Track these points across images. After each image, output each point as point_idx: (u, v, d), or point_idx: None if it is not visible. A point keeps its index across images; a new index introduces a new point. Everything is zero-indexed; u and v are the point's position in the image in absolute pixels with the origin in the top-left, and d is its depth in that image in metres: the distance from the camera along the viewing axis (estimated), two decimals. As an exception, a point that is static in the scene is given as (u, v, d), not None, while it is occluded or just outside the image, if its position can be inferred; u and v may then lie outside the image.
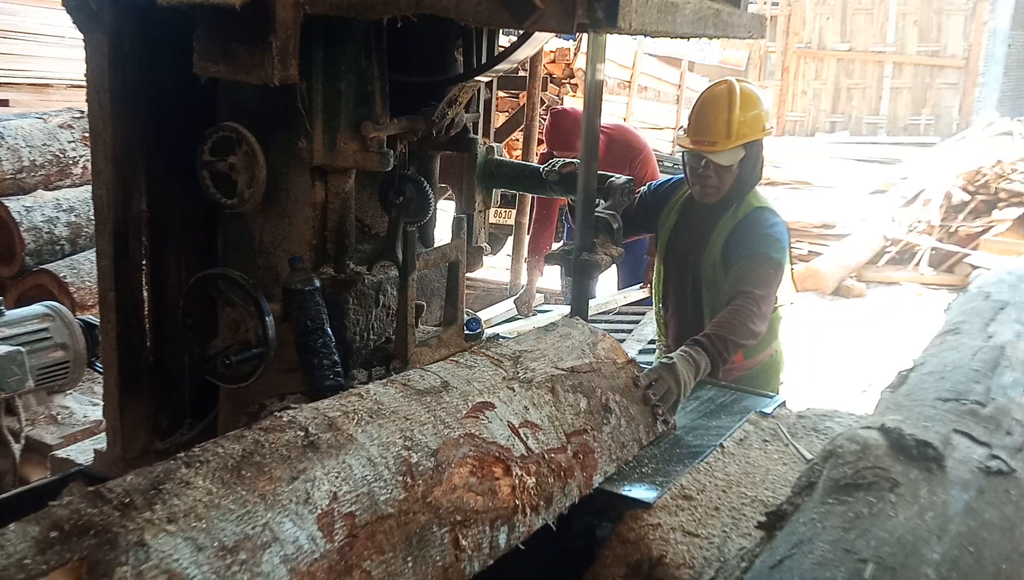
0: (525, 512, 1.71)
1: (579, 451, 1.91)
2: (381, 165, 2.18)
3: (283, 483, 1.31)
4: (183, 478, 1.25)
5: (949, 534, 1.43)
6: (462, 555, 1.54)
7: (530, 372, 1.92)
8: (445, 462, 1.56)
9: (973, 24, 15.66)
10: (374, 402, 1.58)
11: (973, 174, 9.26)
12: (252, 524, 1.24)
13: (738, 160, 2.71)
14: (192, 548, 1.16)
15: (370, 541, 1.38)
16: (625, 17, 1.75)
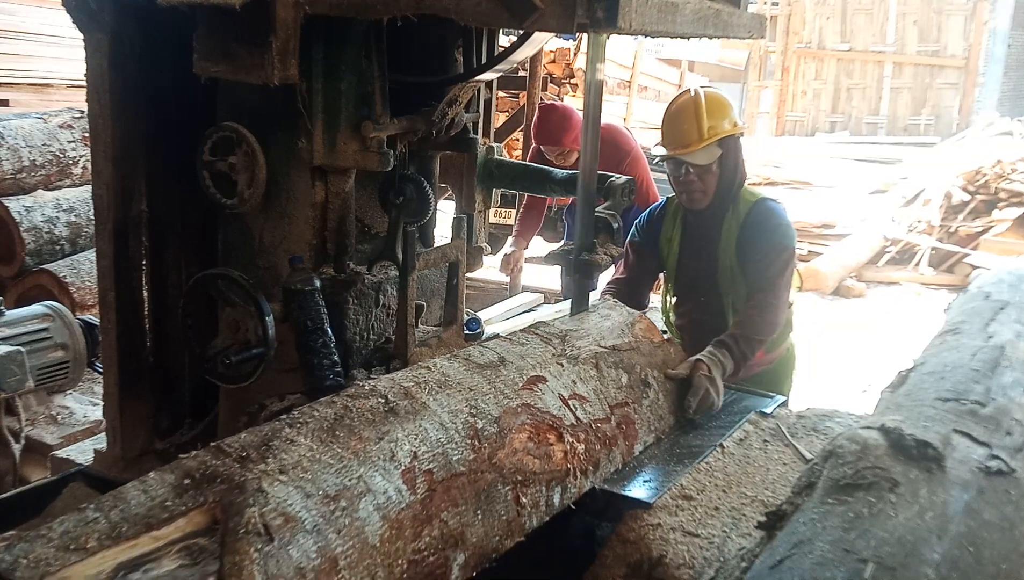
0: (576, 475, 1.91)
1: (622, 422, 2.10)
2: (381, 165, 2.18)
3: (371, 442, 1.51)
4: (288, 436, 1.44)
5: (949, 534, 1.43)
6: (523, 511, 1.74)
7: (576, 349, 2.11)
8: (506, 428, 1.76)
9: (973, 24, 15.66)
10: (441, 374, 1.79)
11: (973, 174, 9.26)
12: (348, 477, 1.43)
13: (715, 159, 2.74)
14: (302, 495, 1.35)
15: (446, 495, 1.57)
16: (625, 17, 1.75)
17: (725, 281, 2.83)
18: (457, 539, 1.58)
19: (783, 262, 2.74)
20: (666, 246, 2.98)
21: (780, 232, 2.79)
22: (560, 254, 2.55)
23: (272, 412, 2.12)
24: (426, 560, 1.51)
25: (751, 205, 2.82)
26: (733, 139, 2.78)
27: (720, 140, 2.75)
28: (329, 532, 1.35)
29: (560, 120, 4.44)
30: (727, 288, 2.84)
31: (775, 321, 2.69)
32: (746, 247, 2.79)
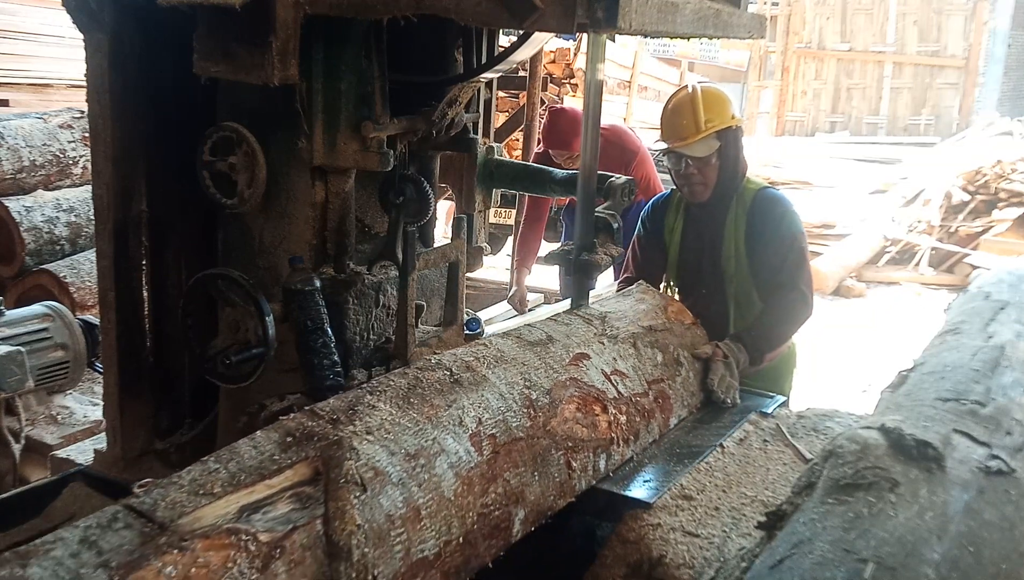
0: (619, 444, 2.10)
1: (658, 396, 2.29)
2: (381, 165, 2.18)
3: (442, 409, 1.71)
4: (370, 403, 1.64)
5: (949, 534, 1.43)
6: (573, 474, 1.94)
7: (615, 330, 2.30)
8: (557, 399, 1.95)
9: (973, 24, 15.66)
10: (497, 350, 1.98)
11: (973, 174, 9.26)
12: (424, 438, 1.63)
13: (714, 151, 2.77)
14: (387, 453, 1.55)
15: (508, 457, 1.77)
16: (625, 17, 1.75)
17: (729, 272, 2.85)
18: (518, 496, 1.78)
19: (797, 252, 2.80)
20: (668, 237, 3.00)
21: (787, 221, 2.83)
22: (560, 254, 2.55)
23: (272, 412, 2.12)
24: (492, 514, 1.70)
25: (754, 194, 2.85)
26: (731, 131, 2.80)
27: (718, 133, 2.77)
28: (412, 486, 1.55)
29: (570, 123, 4.43)
30: (730, 278, 2.85)
31: (798, 316, 2.78)
32: (755, 241, 2.81)
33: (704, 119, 2.75)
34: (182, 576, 1.19)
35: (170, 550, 1.21)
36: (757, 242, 2.81)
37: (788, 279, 2.78)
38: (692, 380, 2.45)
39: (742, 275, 2.83)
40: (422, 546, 1.53)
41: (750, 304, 2.84)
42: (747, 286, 2.83)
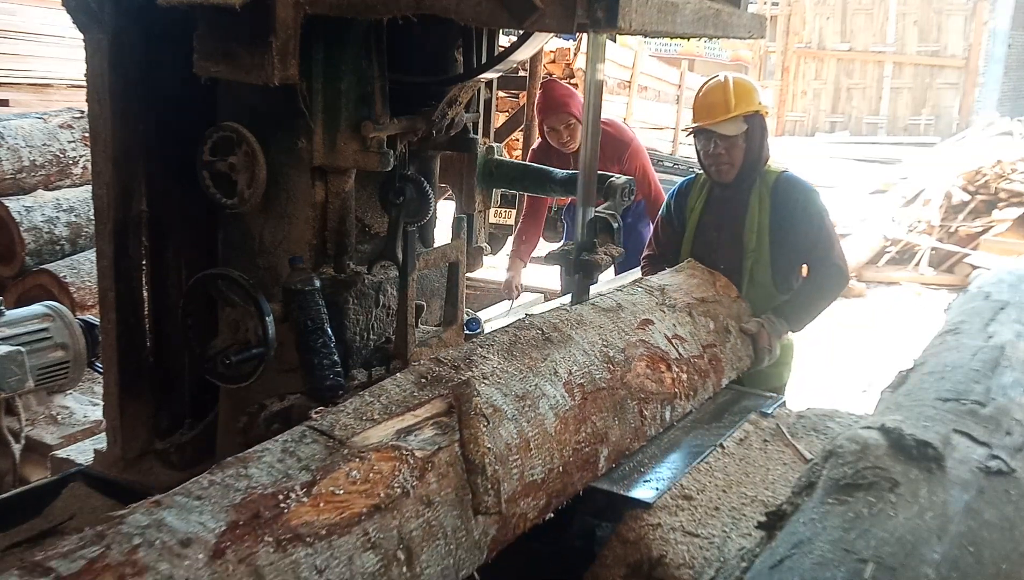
0: (681, 398, 2.39)
1: (712, 359, 2.57)
2: (381, 165, 2.18)
3: (539, 361, 2.00)
4: (482, 354, 1.95)
5: (949, 534, 1.43)
6: (645, 422, 2.24)
7: (673, 300, 2.58)
8: (630, 357, 2.24)
9: (973, 24, 15.66)
10: (577, 315, 2.27)
11: (973, 174, 9.26)
12: (528, 384, 1.93)
13: (742, 132, 2.93)
14: (501, 394, 1.85)
15: (594, 404, 2.06)
16: (625, 17, 1.75)
17: (750, 246, 3.00)
18: (603, 437, 2.07)
19: (827, 228, 3.02)
20: (688, 216, 3.16)
21: (812, 201, 3.01)
22: (560, 254, 2.55)
23: (272, 412, 2.12)
24: (583, 450, 2.00)
25: (776, 176, 3.01)
26: (758, 117, 2.97)
27: (746, 117, 2.93)
28: (522, 421, 1.84)
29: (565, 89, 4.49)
30: (749, 253, 3.00)
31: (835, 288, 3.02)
32: (783, 222, 2.98)
33: (734, 102, 2.92)
34: (363, 479, 1.51)
35: (352, 459, 1.53)
36: (786, 223, 2.97)
37: (824, 254, 2.99)
38: (739, 347, 2.73)
39: (761, 251, 2.99)
40: (532, 471, 1.83)
41: (763, 279, 2.99)
42: (764, 261, 2.99)
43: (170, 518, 1.31)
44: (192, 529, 1.29)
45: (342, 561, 1.41)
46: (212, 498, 1.37)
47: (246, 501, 1.37)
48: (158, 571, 1.21)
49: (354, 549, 1.44)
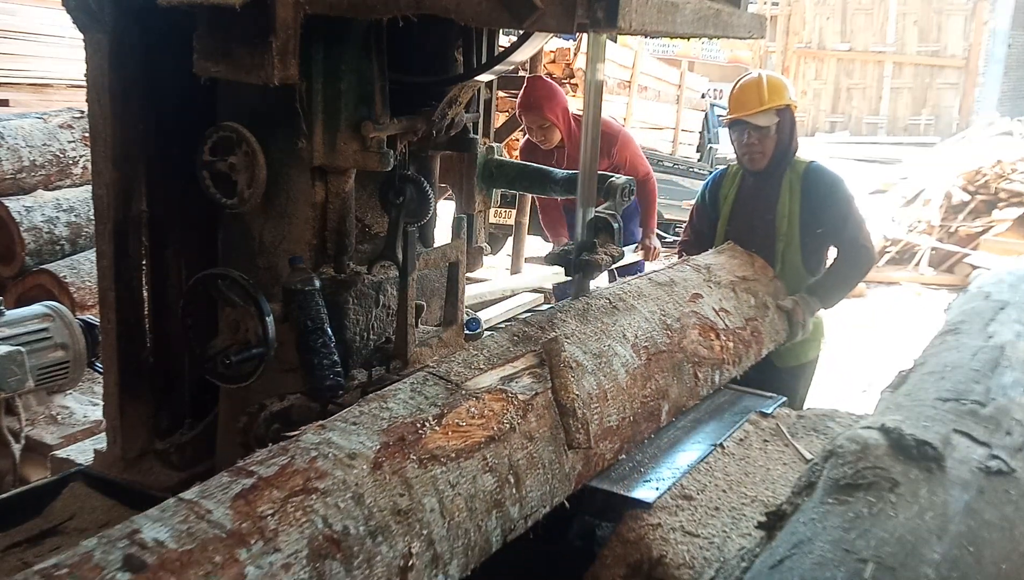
0: (728, 364, 2.63)
1: (753, 331, 2.79)
2: (381, 165, 2.18)
3: (609, 325, 2.25)
4: (561, 318, 2.20)
5: (949, 534, 1.43)
6: (699, 383, 2.49)
7: (718, 277, 2.83)
8: (685, 325, 2.49)
9: (973, 24, 15.66)
10: (637, 288, 2.52)
11: (973, 174, 9.26)
12: (602, 344, 2.17)
13: (774, 124, 3.18)
14: (581, 351, 2.10)
15: (656, 364, 2.31)
16: (625, 17, 1.75)
17: (781, 230, 3.23)
18: (664, 393, 2.32)
19: (855, 211, 3.26)
20: (722, 203, 3.39)
21: (840, 187, 3.26)
22: (560, 254, 2.55)
23: (272, 412, 2.12)
24: (649, 403, 2.25)
25: (806, 165, 3.25)
26: (789, 111, 3.22)
27: (777, 110, 3.17)
28: (600, 375, 2.09)
29: (544, 90, 4.47)
30: (781, 237, 3.23)
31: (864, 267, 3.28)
32: (813, 206, 3.20)
33: (767, 96, 3.17)
34: (479, 414, 1.79)
35: (469, 398, 1.81)
36: (816, 208, 3.20)
37: (852, 236, 3.22)
38: (776, 322, 2.96)
39: (792, 235, 3.22)
40: (609, 418, 2.09)
41: (794, 260, 3.23)
42: (794, 245, 3.22)
43: (335, 438, 1.59)
44: (355, 446, 1.58)
45: (468, 479, 1.69)
46: (365, 424, 1.66)
47: (392, 427, 1.66)
48: (334, 476, 1.50)
49: (476, 470, 1.72)
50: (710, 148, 11.37)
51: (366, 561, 1.45)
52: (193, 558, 1.26)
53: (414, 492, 1.58)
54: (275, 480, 1.44)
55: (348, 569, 1.41)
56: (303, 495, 1.43)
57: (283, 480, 1.44)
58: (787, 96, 3.21)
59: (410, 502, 1.56)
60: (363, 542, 1.45)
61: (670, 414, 2.37)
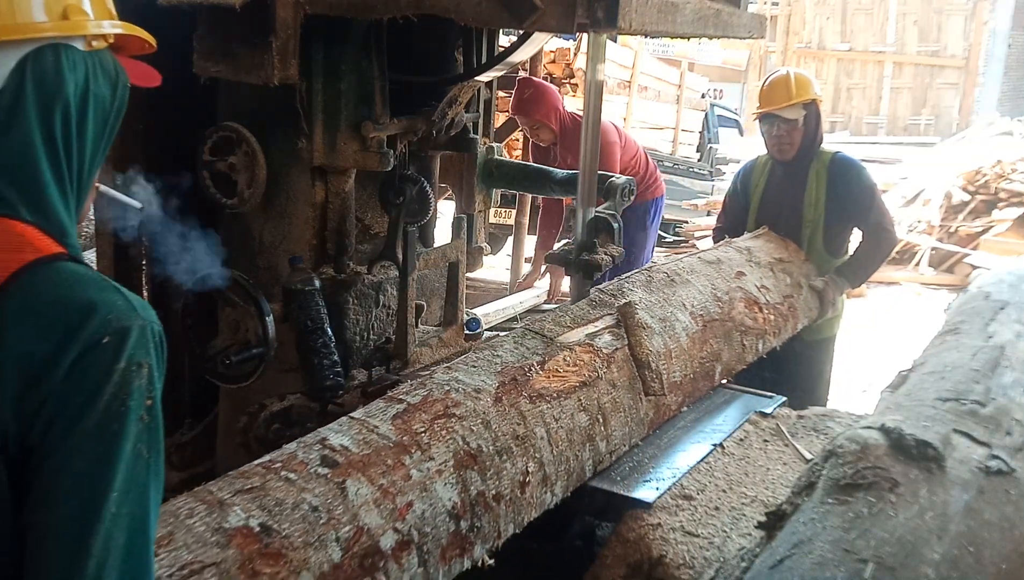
0: (769, 335, 2.92)
1: (790, 307, 3.09)
2: (381, 165, 2.18)
3: (670, 295, 2.55)
4: (628, 289, 2.48)
5: (949, 534, 1.43)
6: (745, 349, 2.78)
7: (758, 258, 3.14)
8: (732, 298, 2.78)
9: (973, 24, 15.64)
10: (689, 266, 2.81)
11: (973, 174, 9.24)
12: (666, 310, 2.47)
13: (801, 117, 3.39)
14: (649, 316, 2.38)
15: (711, 330, 2.59)
16: (625, 17, 1.75)
17: (808, 216, 3.44)
18: (718, 356, 2.61)
19: (879, 198, 3.53)
20: (752, 192, 3.64)
21: (864, 175, 3.51)
22: (560, 254, 2.55)
23: (272, 412, 2.12)
24: (705, 364, 2.53)
25: (831, 156, 3.48)
26: (814, 105, 3.45)
27: (804, 104, 3.39)
28: (666, 337, 2.38)
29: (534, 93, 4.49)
30: (807, 222, 3.44)
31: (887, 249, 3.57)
32: (839, 193, 3.41)
33: (795, 91, 3.39)
34: (573, 363, 2.09)
35: (563, 349, 2.12)
36: (842, 196, 3.41)
37: (876, 221, 3.45)
38: (809, 300, 3.25)
39: (818, 220, 3.43)
40: (673, 374, 2.37)
41: (819, 245, 3.44)
42: (819, 230, 3.43)
43: (461, 376, 1.92)
44: (478, 383, 1.90)
45: (567, 415, 1.99)
46: (482, 367, 1.97)
47: (505, 370, 1.97)
48: (466, 405, 1.82)
49: (573, 409, 2.02)
50: (710, 148, 11.35)
51: (496, 474, 1.77)
52: (371, 460, 1.61)
53: (528, 422, 1.89)
54: (421, 406, 1.78)
55: (483, 479, 1.74)
56: (444, 418, 1.77)
57: (428, 406, 1.78)
58: (813, 91, 3.43)
59: (525, 430, 1.88)
60: (493, 459, 1.78)
61: (722, 375, 2.67)
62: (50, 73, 0.99)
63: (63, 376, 0.90)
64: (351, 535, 1.48)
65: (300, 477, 1.51)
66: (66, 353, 0.90)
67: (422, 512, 1.60)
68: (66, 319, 0.91)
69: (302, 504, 1.46)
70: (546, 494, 1.91)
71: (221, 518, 1.38)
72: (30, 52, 0.98)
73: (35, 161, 0.98)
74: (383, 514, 1.54)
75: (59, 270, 0.94)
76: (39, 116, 0.98)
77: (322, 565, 1.41)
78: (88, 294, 0.94)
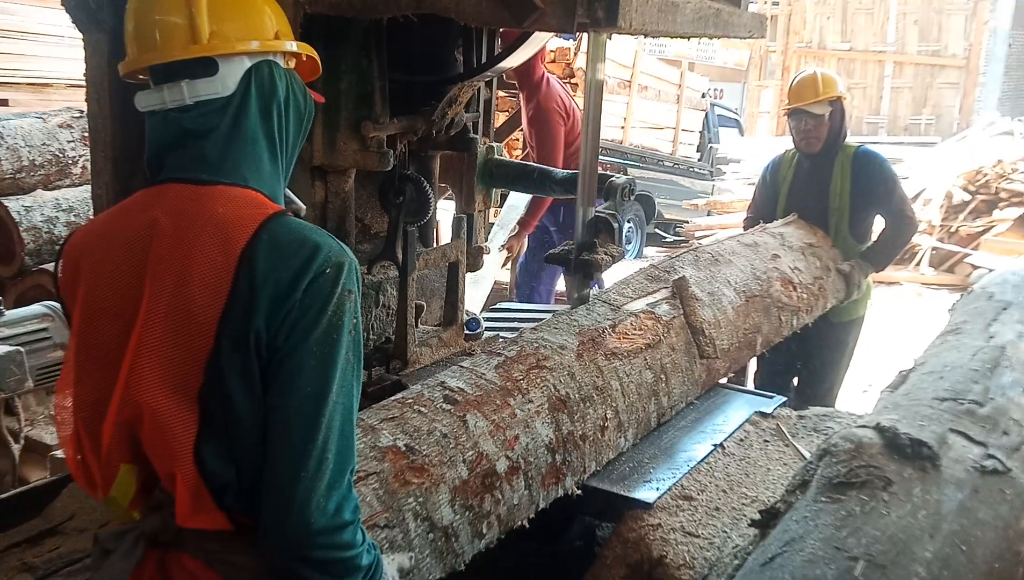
0: (803, 312, 3.20)
1: (820, 288, 3.35)
2: (381, 165, 2.18)
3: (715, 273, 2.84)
4: (679, 266, 2.78)
5: (941, 532, 1.43)
6: (782, 324, 3.06)
7: (790, 242, 3.42)
8: (770, 277, 3.07)
9: (973, 24, 15.63)
10: (730, 248, 3.10)
11: (974, 174, 9.23)
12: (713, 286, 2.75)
13: (827, 113, 3.63)
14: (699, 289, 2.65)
15: (752, 304, 2.88)
16: (625, 16, 1.75)
17: (834, 205, 3.68)
18: (758, 329, 2.90)
19: (900, 187, 3.78)
20: (781, 184, 3.89)
21: (886, 166, 3.75)
22: (560, 254, 2.55)
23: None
24: (748, 335, 2.83)
25: (855, 149, 3.73)
26: (839, 102, 3.69)
27: (830, 101, 3.63)
28: (715, 309, 2.66)
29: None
30: (833, 211, 3.68)
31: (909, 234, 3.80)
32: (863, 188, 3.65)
33: (822, 88, 3.65)
34: (638, 327, 2.38)
35: (630, 316, 2.41)
36: (866, 186, 3.64)
37: (898, 208, 3.70)
38: (837, 281, 3.51)
39: (843, 209, 3.68)
40: (720, 341, 2.62)
41: (844, 232, 3.68)
42: (845, 218, 3.67)
43: (547, 336, 2.21)
44: (562, 341, 2.19)
45: (636, 372, 2.27)
46: (563, 328, 2.26)
47: (582, 331, 2.26)
48: (553, 359, 2.11)
49: (642, 367, 2.30)
50: (710, 148, 11.35)
51: (581, 417, 2.06)
52: (483, 400, 1.91)
53: (604, 376, 2.17)
54: (517, 358, 2.08)
55: (571, 421, 2.03)
56: (538, 369, 2.06)
57: (522, 359, 2.08)
58: (838, 89, 3.69)
59: (603, 382, 2.16)
60: (578, 405, 2.07)
61: (762, 346, 2.98)
62: (266, 81, 1.31)
63: (300, 296, 1.19)
64: (474, 458, 1.79)
65: (429, 411, 1.82)
66: (302, 278, 1.19)
67: (526, 444, 1.91)
68: (301, 254, 1.20)
69: (435, 431, 1.77)
70: (620, 439, 2.20)
71: (375, 439, 1.68)
72: (253, 65, 1.30)
73: (259, 147, 1.30)
74: (497, 444, 1.85)
75: (288, 221, 1.24)
76: (260, 114, 1.30)
77: (454, 480, 1.73)
78: (313, 236, 1.23)
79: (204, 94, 1.27)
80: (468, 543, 1.74)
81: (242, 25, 1.30)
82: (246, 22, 1.30)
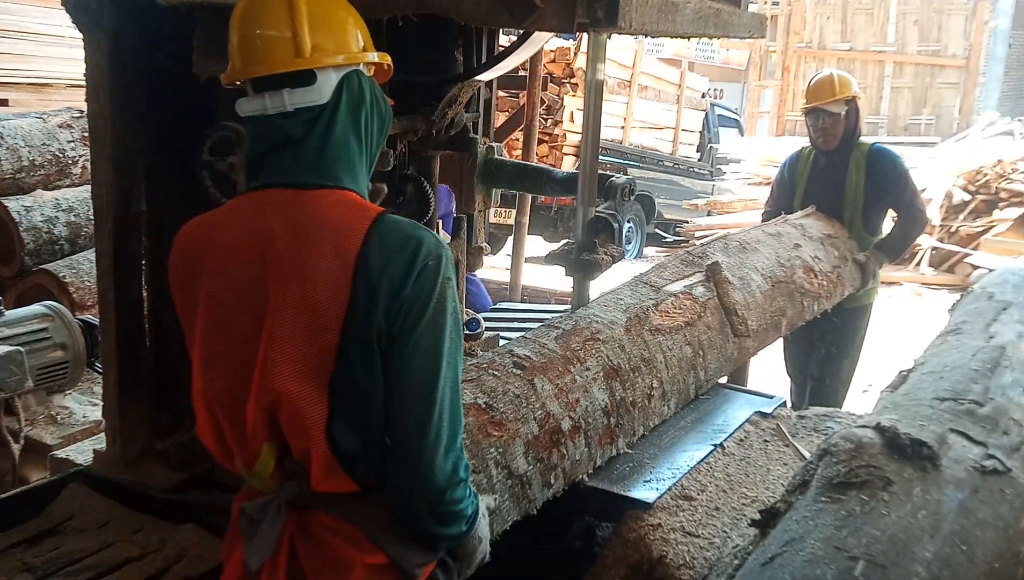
0: (823, 298, 3.40)
1: (838, 276, 3.56)
2: (381, 165, 2.17)
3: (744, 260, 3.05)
4: (712, 252, 2.99)
5: (942, 532, 1.43)
6: (804, 308, 3.27)
7: (810, 233, 3.61)
8: (793, 265, 3.28)
9: (974, 24, 15.63)
10: (756, 237, 3.33)
11: (974, 174, 9.23)
12: (743, 271, 2.98)
13: (843, 111, 3.81)
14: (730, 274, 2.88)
15: (777, 290, 3.08)
16: (625, 16, 1.76)
17: (848, 199, 3.86)
18: (783, 312, 3.10)
19: (912, 183, 3.95)
20: (799, 179, 4.07)
21: (900, 163, 3.92)
22: (561, 254, 2.55)
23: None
24: (774, 318, 3.03)
25: (870, 146, 3.90)
26: (854, 102, 3.88)
27: (846, 100, 3.82)
28: (744, 292, 2.88)
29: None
30: (848, 205, 3.86)
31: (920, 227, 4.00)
32: (877, 183, 3.82)
33: (838, 88, 3.85)
34: (677, 307, 2.59)
35: (670, 296, 2.62)
36: (880, 181, 3.82)
37: (910, 202, 3.89)
38: (853, 270, 3.70)
39: (858, 204, 3.86)
40: (750, 322, 2.82)
41: (859, 225, 3.85)
42: (859, 212, 3.85)
43: (597, 313, 2.41)
44: (611, 318, 2.40)
45: (677, 346, 2.49)
46: (611, 306, 2.48)
47: (629, 308, 2.48)
48: (604, 332, 2.32)
49: (682, 343, 2.52)
50: (710, 148, 11.35)
51: (631, 386, 2.28)
52: (548, 366, 2.12)
53: (650, 349, 2.39)
54: (573, 331, 2.29)
55: (623, 388, 2.25)
56: (592, 341, 2.26)
57: (578, 332, 2.28)
58: (853, 89, 3.88)
59: (649, 355, 2.37)
60: (629, 374, 2.28)
61: (787, 328, 3.19)
62: (356, 89, 1.43)
63: (410, 288, 1.33)
64: (543, 417, 1.99)
65: (502, 374, 2.02)
66: (412, 271, 1.33)
67: (586, 407, 2.11)
68: (407, 250, 1.33)
69: (508, 392, 1.97)
70: (664, 407, 2.42)
71: (458, 396, 1.89)
72: (345, 75, 1.42)
73: (351, 150, 1.43)
74: (561, 405, 2.05)
75: (390, 219, 1.37)
76: (351, 119, 1.42)
77: (527, 435, 1.94)
78: (416, 233, 1.36)
79: (303, 102, 1.40)
80: (539, 491, 1.94)
81: (337, 39, 1.42)
82: (340, 36, 1.43)
